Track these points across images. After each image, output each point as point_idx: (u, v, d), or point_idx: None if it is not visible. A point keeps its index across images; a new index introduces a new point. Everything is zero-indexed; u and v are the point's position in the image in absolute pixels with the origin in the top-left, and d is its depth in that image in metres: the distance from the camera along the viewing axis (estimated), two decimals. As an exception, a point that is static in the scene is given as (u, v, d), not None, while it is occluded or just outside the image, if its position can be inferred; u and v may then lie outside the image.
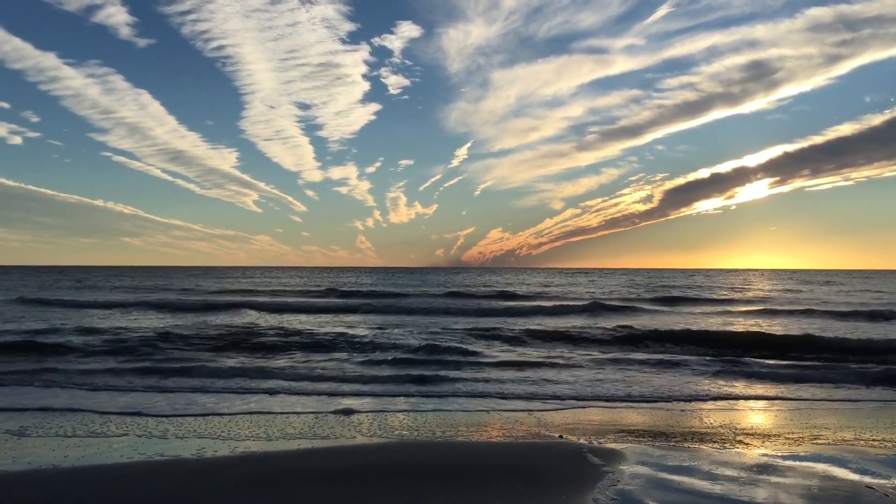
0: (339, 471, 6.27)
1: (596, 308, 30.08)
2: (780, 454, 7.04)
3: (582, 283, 69.90)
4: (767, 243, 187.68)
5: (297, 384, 11.56)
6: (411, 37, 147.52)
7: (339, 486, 5.78)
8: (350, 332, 20.07)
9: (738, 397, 10.81)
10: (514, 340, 18.61)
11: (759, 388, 11.61)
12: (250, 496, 5.50)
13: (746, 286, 60.42)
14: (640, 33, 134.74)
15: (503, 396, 10.65)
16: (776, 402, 10.49)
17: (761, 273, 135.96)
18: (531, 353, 15.95)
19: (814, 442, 7.63)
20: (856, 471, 6.38)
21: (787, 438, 7.81)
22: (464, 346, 16.43)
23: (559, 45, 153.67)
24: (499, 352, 16.23)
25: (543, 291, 48.41)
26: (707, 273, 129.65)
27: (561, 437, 7.82)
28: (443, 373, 12.63)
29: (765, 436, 7.97)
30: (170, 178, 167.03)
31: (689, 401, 10.44)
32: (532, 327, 21.65)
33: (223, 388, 11.10)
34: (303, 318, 26.12)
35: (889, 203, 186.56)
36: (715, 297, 41.38)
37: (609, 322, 23.75)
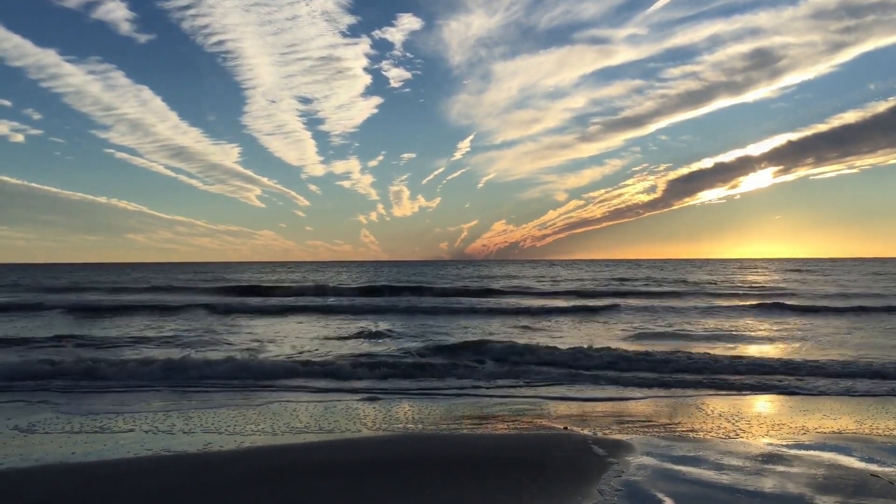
0: (341, 463, 6.29)
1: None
2: (785, 443, 7.03)
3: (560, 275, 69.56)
4: (772, 232, 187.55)
5: None
6: (412, 29, 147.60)
7: (340, 477, 5.80)
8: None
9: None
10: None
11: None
12: (251, 490, 5.52)
13: (698, 278, 58.92)
14: (641, 23, 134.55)
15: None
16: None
17: (757, 263, 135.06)
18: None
19: (818, 432, 7.62)
20: (861, 459, 6.37)
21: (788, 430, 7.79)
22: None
23: (561, 35, 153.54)
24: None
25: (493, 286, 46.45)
26: (700, 264, 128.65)
27: (566, 428, 7.82)
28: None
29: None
30: (172, 175, 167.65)
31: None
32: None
33: None
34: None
35: (894, 190, 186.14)
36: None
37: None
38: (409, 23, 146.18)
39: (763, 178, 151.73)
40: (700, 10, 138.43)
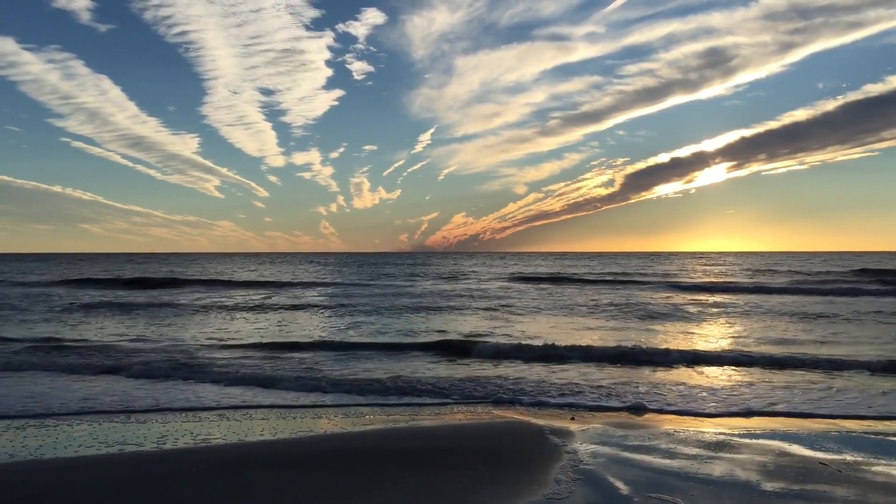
0: (299, 456, 6.24)
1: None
2: (736, 432, 7.20)
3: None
4: (726, 226, 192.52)
5: None
6: (376, 23, 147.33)
7: (300, 470, 5.75)
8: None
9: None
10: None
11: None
12: (209, 481, 5.44)
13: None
14: (600, 21, 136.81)
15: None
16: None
17: (711, 256, 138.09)
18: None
19: (770, 420, 7.82)
20: (810, 448, 6.55)
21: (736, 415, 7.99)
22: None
23: (521, 32, 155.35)
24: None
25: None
26: (651, 257, 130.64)
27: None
28: None
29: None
30: (130, 164, 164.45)
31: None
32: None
33: None
34: None
35: (841, 186, 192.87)
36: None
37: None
38: (372, 17, 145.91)
39: (717, 174, 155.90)
40: (656, 9, 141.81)
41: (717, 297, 29.34)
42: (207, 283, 42.32)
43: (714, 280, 42.46)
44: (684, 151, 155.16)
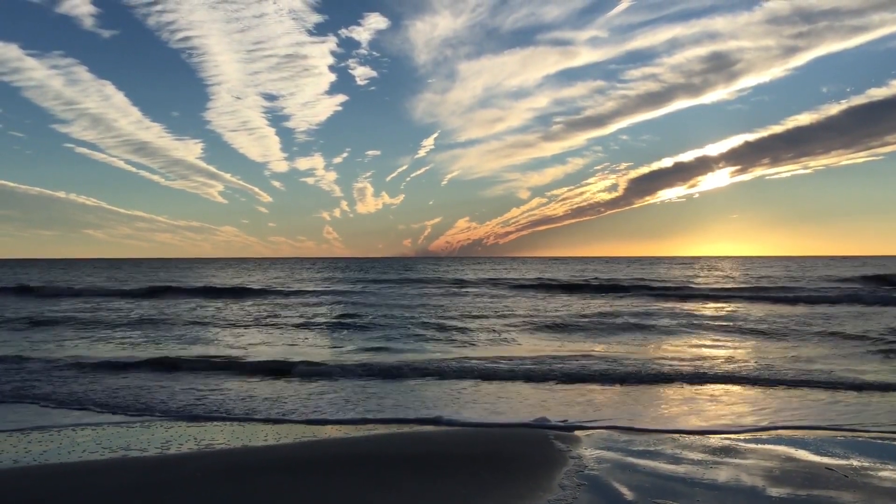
0: (302, 461, 6.22)
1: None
2: (742, 437, 7.17)
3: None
4: (730, 231, 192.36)
5: None
6: (378, 28, 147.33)
7: (303, 475, 5.74)
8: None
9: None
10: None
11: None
12: (212, 487, 5.43)
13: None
14: (603, 26, 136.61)
15: None
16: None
17: (712, 261, 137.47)
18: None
19: (775, 424, 7.78)
20: (816, 453, 6.51)
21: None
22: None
23: (524, 36, 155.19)
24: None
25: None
26: (652, 261, 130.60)
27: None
28: None
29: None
30: (134, 170, 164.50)
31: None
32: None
33: None
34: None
35: (845, 190, 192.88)
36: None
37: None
38: (375, 22, 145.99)
39: (721, 178, 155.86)
40: (659, 14, 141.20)
41: (689, 305, 26.49)
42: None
43: (691, 285, 40.47)
44: (688, 156, 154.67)
